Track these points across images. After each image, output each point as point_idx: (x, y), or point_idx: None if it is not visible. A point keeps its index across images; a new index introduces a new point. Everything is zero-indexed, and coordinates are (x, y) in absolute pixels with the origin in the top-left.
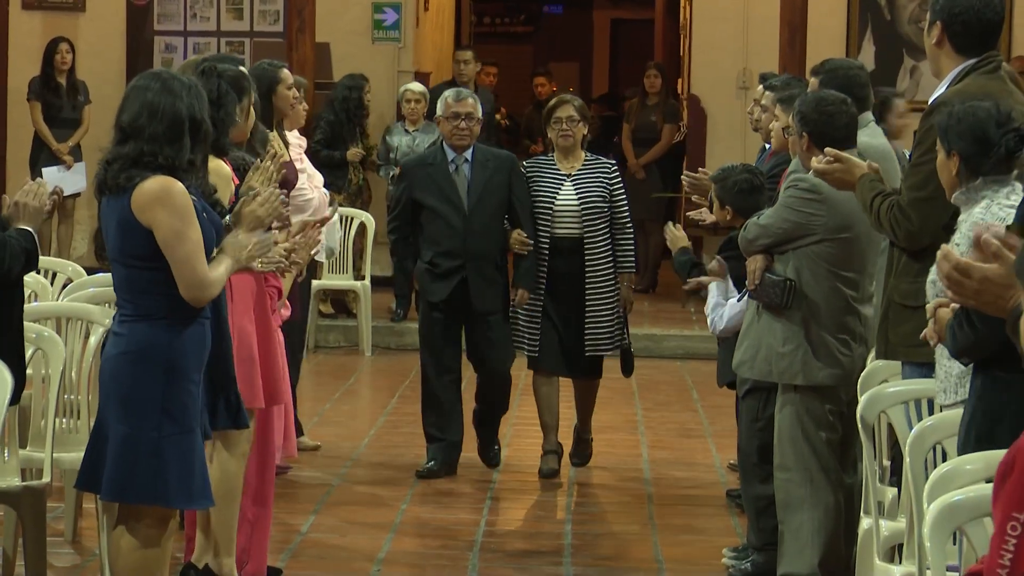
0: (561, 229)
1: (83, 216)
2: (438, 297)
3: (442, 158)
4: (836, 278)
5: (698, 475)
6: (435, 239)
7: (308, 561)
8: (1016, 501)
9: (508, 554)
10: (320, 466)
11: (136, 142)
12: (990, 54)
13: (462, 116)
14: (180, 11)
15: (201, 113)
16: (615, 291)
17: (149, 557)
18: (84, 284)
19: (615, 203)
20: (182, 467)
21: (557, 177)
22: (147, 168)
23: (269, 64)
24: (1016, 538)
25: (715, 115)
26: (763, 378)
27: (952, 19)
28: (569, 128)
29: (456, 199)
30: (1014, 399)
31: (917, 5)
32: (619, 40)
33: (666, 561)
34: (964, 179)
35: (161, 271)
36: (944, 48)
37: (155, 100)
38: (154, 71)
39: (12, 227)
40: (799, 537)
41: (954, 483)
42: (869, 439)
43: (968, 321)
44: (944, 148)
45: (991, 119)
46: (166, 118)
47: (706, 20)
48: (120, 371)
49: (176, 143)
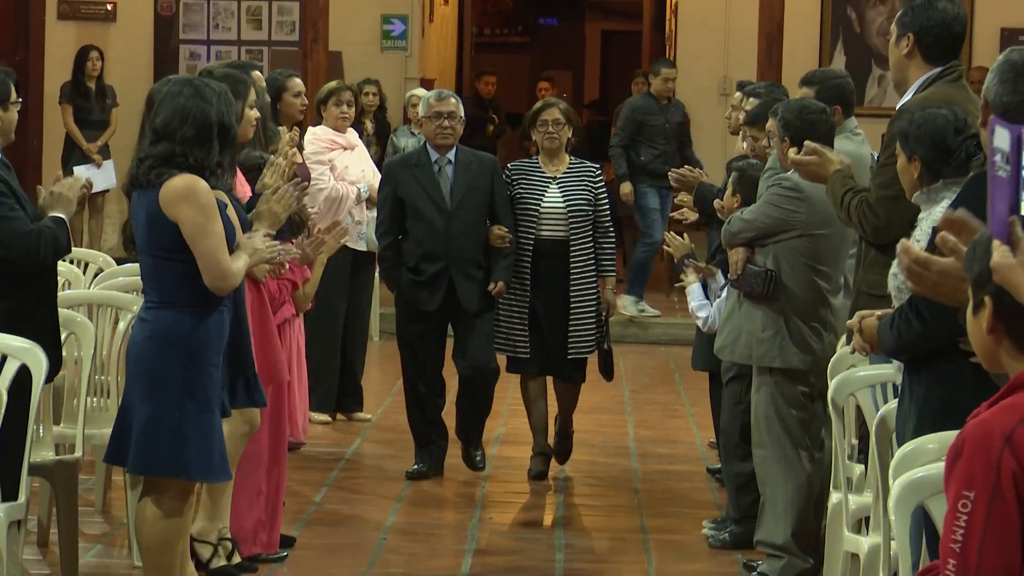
0: (547, 232)
1: (112, 210)
2: (430, 306)
3: (426, 159)
4: (812, 271)
5: (680, 452)
6: (418, 239)
7: (320, 530)
8: (966, 480)
9: (504, 525)
10: (331, 443)
11: (168, 143)
12: (953, 63)
13: (444, 115)
14: (204, 21)
15: (229, 118)
16: (598, 294)
17: (171, 526)
18: (114, 273)
19: (599, 207)
20: (202, 444)
21: (543, 180)
22: (177, 167)
23: (279, 73)
24: (967, 515)
25: (698, 119)
26: (743, 361)
27: (924, 32)
28: (555, 131)
29: (439, 199)
30: (947, 391)
31: (884, 19)
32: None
33: (651, 531)
34: (925, 182)
35: (185, 262)
36: (914, 58)
37: (187, 105)
38: (186, 77)
39: (46, 215)
40: (774, 509)
41: (917, 461)
42: (839, 420)
43: (918, 314)
44: (905, 153)
45: (949, 126)
46: (196, 122)
47: (690, 32)
48: (146, 354)
49: (205, 145)
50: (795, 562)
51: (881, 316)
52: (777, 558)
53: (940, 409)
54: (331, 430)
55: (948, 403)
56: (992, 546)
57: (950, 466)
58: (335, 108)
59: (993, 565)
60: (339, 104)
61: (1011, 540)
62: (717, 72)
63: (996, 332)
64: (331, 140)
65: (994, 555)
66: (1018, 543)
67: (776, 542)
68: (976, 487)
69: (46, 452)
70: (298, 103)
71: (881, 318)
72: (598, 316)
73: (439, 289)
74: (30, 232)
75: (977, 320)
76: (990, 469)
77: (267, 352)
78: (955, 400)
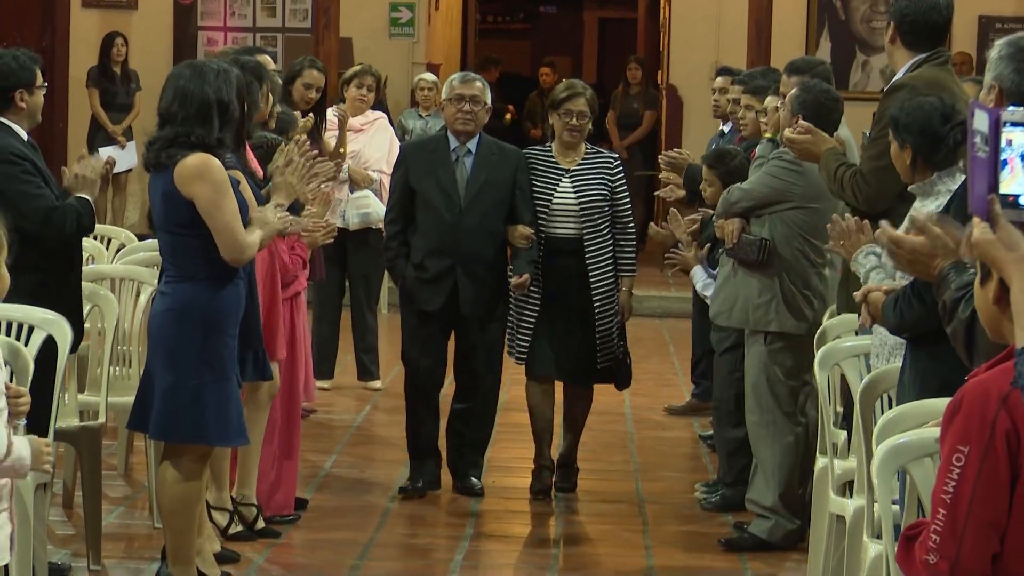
0: (558, 229)
1: (135, 189)
2: (432, 306)
3: (444, 146)
4: (805, 242)
5: (674, 419)
6: (426, 232)
7: (331, 493)
8: (961, 435)
9: (506, 488)
10: (342, 411)
11: (172, 125)
12: (939, 49)
13: (467, 99)
14: (221, 9)
15: (228, 96)
16: (617, 295)
17: (190, 488)
18: (135, 249)
19: (617, 201)
20: (220, 410)
21: (555, 172)
22: (183, 147)
23: (300, 61)
24: (960, 467)
25: (690, 103)
26: (739, 326)
27: (902, 20)
28: (579, 123)
29: (452, 191)
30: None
31: (868, 7)
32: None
33: (646, 495)
34: (918, 168)
35: (201, 238)
36: (896, 45)
37: (186, 86)
38: (189, 61)
39: (72, 196)
40: (764, 471)
41: (899, 427)
42: (825, 387)
43: (919, 297)
44: (897, 141)
45: (936, 113)
46: (196, 102)
47: (683, 20)
48: (165, 326)
49: (206, 123)
50: (783, 523)
51: (888, 291)
52: (765, 519)
53: (939, 386)
54: (342, 398)
55: (946, 381)
56: (981, 500)
57: (947, 422)
58: (355, 90)
59: (981, 518)
60: (360, 87)
61: (1000, 495)
62: (709, 58)
63: (1002, 302)
64: (329, 122)
65: (982, 508)
66: (1006, 498)
67: (765, 504)
68: (971, 442)
69: (71, 419)
70: (307, 94)
71: (888, 293)
72: (618, 319)
73: (443, 289)
74: (55, 208)
75: (984, 290)
76: (985, 426)
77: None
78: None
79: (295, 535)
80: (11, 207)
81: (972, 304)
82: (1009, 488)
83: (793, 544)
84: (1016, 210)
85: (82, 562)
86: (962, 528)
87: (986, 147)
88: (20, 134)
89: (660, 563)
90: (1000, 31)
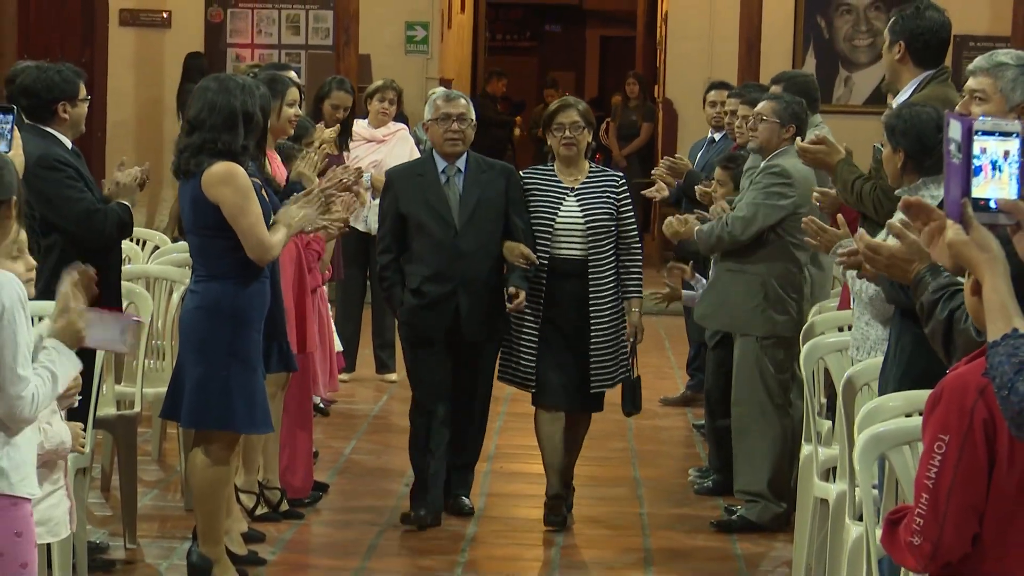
0: (563, 250)
1: (169, 195)
2: (435, 332)
3: (432, 168)
4: (792, 245)
5: (668, 409)
6: (422, 257)
7: (350, 478)
8: (942, 425)
9: (513, 473)
10: (361, 401)
11: (200, 133)
12: (943, 67)
13: (453, 117)
14: (248, 27)
15: (252, 107)
16: (619, 318)
17: (219, 473)
18: (168, 251)
19: (623, 220)
20: (247, 400)
21: (559, 191)
22: (210, 154)
23: (327, 83)
24: (941, 455)
25: (685, 115)
26: (725, 329)
27: (914, 39)
28: (572, 135)
29: (446, 214)
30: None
31: (851, 27)
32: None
33: (643, 480)
34: (907, 173)
35: (228, 239)
36: (906, 63)
37: (213, 98)
38: (216, 75)
39: (113, 202)
40: (752, 460)
41: (879, 417)
42: (810, 380)
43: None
44: (891, 144)
45: (932, 123)
46: (223, 112)
47: (678, 37)
48: (196, 322)
49: (232, 132)
50: (770, 507)
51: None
52: (754, 503)
53: (921, 375)
54: (362, 389)
55: (927, 371)
56: (962, 484)
57: (928, 412)
58: (378, 104)
59: (961, 501)
60: (383, 100)
61: (978, 481)
62: (702, 73)
63: (979, 294)
64: (356, 133)
65: (962, 493)
66: (984, 484)
67: (753, 489)
68: (951, 431)
69: (109, 408)
70: (335, 114)
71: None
72: (621, 342)
73: (444, 314)
74: (96, 211)
75: (966, 283)
76: (964, 416)
77: (301, 320)
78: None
79: (317, 516)
80: (54, 209)
81: (949, 306)
82: (987, 473)
83: (780, 526)
84: (988, 213)
85: (119, 541)
86: (944, 511)
87: (959, 154)
88: (64, 143)
89: (656, 544)
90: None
